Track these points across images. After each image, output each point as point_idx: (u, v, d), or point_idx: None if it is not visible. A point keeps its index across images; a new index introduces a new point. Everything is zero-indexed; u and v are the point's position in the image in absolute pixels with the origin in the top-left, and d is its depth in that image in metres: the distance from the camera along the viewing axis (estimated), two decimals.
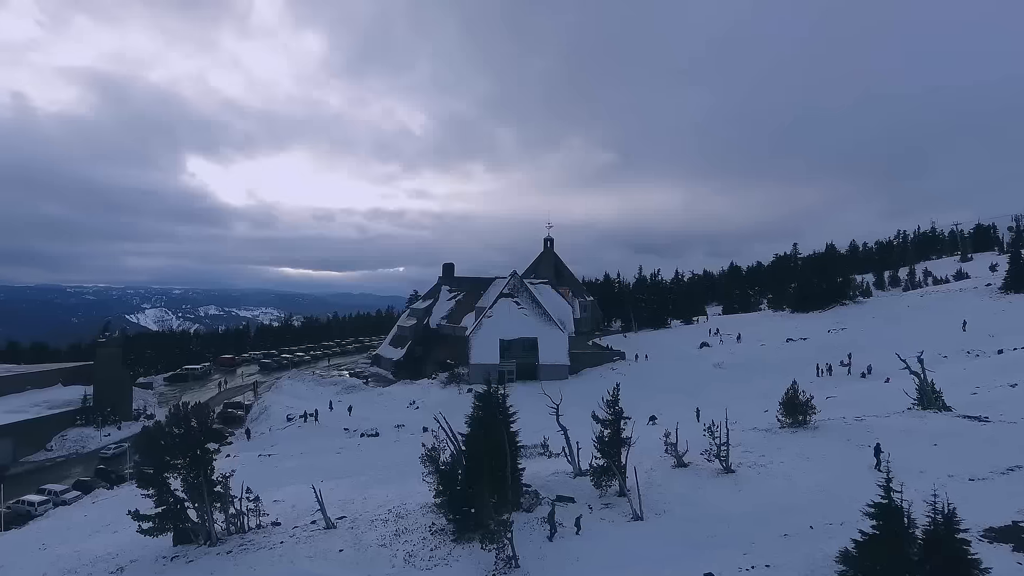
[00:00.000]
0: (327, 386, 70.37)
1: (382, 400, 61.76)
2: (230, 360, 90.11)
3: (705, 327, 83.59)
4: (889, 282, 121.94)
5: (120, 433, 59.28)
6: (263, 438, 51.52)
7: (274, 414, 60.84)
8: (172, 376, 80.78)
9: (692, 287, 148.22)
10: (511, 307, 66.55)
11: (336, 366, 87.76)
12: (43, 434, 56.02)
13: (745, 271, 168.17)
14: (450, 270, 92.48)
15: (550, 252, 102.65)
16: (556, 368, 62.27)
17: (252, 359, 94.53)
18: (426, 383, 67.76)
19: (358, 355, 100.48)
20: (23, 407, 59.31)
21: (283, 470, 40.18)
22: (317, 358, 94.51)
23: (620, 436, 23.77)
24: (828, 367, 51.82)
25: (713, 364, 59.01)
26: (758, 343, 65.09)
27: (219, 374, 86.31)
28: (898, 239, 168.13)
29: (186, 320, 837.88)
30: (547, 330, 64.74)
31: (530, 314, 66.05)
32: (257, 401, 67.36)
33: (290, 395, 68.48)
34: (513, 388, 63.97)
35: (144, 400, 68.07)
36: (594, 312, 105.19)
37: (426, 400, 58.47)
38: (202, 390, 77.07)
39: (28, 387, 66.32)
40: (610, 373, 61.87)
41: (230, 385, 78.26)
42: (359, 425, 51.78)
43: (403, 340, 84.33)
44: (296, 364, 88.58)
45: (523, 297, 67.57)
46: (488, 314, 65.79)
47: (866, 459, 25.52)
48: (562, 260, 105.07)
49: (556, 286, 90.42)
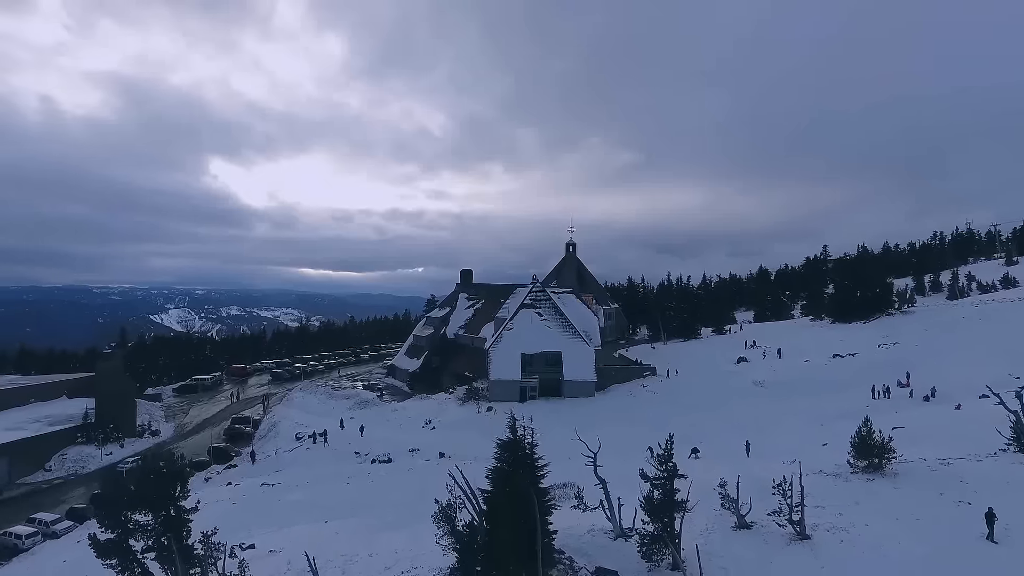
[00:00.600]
0: (339, 400, 67.00)
1: (396, 418, 58.11)
2: (242, 370, 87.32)
3: (739, 338, 78.71)
4: (929, 287, 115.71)
5: (122, 451, 56.37)
6: (269, 461, 48.13)
7: (283, 431, 57.52)
8: (181, 387, 78.08)
9: (719, 292, 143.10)
10: (533, 319, 62.50)
11: (350, 376, 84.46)
12: (41, 453, 53.18)
13: (774, 274, 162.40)
14: (468, 277, 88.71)
15: (572, 257, 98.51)
16: (582, 385, 58.15)
17: (264, 368, 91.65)
18: (443, 398, 64.00)
19: (373, 364, 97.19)
20: (23, 423, 56.71)
21: (287, 504, 36.64)
22: (331, 368, 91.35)
23: (674, 498, 19.56)
24: (885, 389, 46.93)
25: (753, 382, 54.39)
26: (801, 358, 60.23)
27: (230, 384, 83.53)
28: (934, 240, 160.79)
29: (208, 320, 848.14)
30: (572, 344, 60.58)
31: (553, 326, 61.95)
32: (266, 416, 64.20)
33: (301, 409, 65.23)
34: (536, 406, 60.07)
35: (150, 414, 65.27)
36: (619, 320, 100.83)
37: (442, 419, 54.71)
38: (211, 402, 74.22)
39: (32, 400, 63.88)
40: (640, 391, 57.61)
41: (242, 396, 75.32)
42: (371, 448, 48.13)
43: (419, 350, 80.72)
44: (309, 374, 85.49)
45: (546, 308, 63.48)
46: (508, 326, 61.81)
47: (970, 522, 21.13)
48: (585, 265, 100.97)
49: (579, 293, 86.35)
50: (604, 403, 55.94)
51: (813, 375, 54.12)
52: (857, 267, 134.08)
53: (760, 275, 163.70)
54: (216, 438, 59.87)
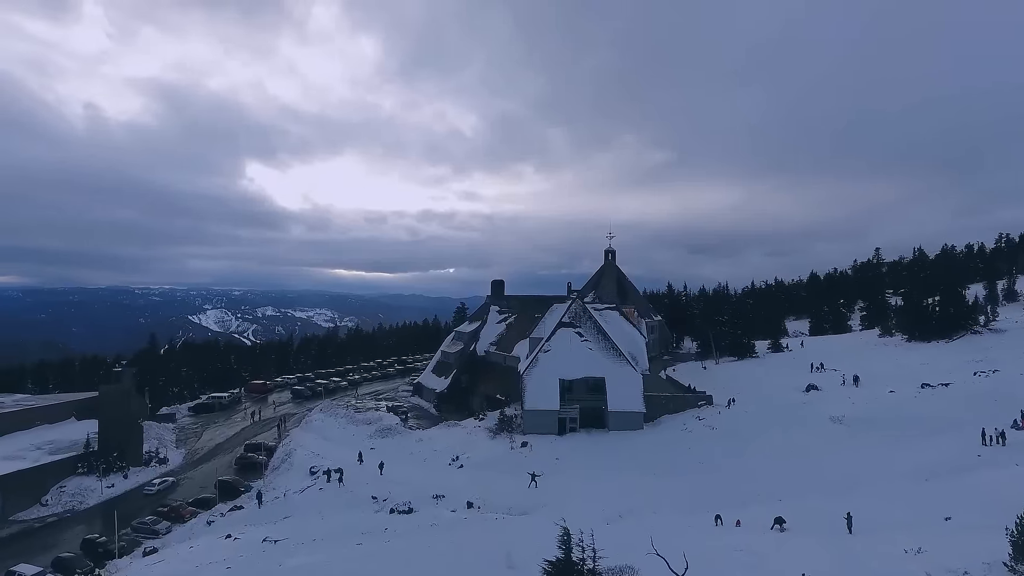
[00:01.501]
0: (360, 425, 61.67)
1: (420, 451, 52.34)
2: (261, 386, 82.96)
3: (800, 357, 70.77)
4: (1003, 296, 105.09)
5: (126, 483, 52.07)
6: (276, 504, 42.84)
7: (297, 462, 52.36)
8: (197, 406, 73.91)
9: (766, 297, 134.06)
10: (572, 339, 56.04)
11: (375, 395, 79.21)
12: (38, 486, 49.07)
13: (824, 279, 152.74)
14: (499, 288, 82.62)
15: (612, 266, 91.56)
16: (628, 416, 51.48)
17: (285, 384, 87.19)
18: (472, 425, 58.10)
19: (400, 379, 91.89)
20: (23, 450, 52.85)
21: (287, 572, 31.09)
22: (355, 384, 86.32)
23: None
24: (999, 434, 39.03)
25: (830, 418, 46.84)
26: (882, 387, 52.35)
27: (249, 402, 79.12)
28: (1000, 243, 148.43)
29: (245, 321, 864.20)
30: (617, 368, 53.94)
31: (595, 348, 55.38)
32: (282, 442, 59.24)
33: (319, 435, 60.14)
34: (576, 440, 53.72)
35: (160, 438, 60.96)
36: (662, 333, 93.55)
37: (471, 455, 48.69)
38: (227, 423, 69.78)
39: (38, 423, 60.31)
40: (695, 424, 50.62)
41: (262, 415, 70.70)
42: (390, 492, 42.40)
43: (447, 368, 75.00)
44: (331, 392, 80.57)
45: (587, 327, 56.93)
46: (545, 347, 55.46)
47: None
48: (625, 274, 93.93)
49: (620, 305, 79.59)
50: (655, 438, 49.18)
51: (901, 410, 46.33)
52: (920, 271, 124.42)
53: (811, 281, 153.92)
54: (226, 468, 55.15)
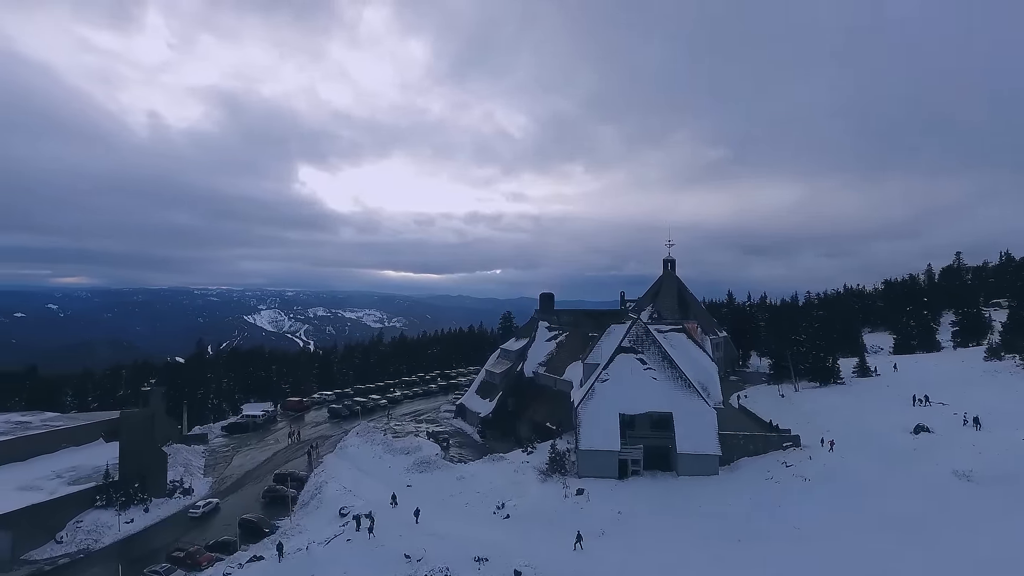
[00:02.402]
0: (398, 455, 56.41)
1: (461, 491, 46.48)
2: (298, 403, 79.06)
3: (895, 385, 61.71)
4: None
5: (146, 517, 48.14)
6: (299, 559, 37.64)
7: (327, 500, 47.46)
8: (231, 425, 70.26)
9: (837, 306, 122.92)
10: (634, 366, 49.16)
11: (415, 415, 74.12)
12: (54, 521, 45.48)
13: (899, 285, 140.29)
14: (548, 302, 76.30)
15: (672, 276, 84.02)
16: (701, 460, 44.27)
17: (323, 401, 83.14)
18: (520, 460, 51.97)
19: (443, 397, 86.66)
20: (41, 479, 49.63)
21: None
22: (395, 401, 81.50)
23: None
24: None
25: (953, 472, 38.52)
26: (1012, 431, 43.39)
27: (284, 420, 75.33)
28: None
29: (297, 321, 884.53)
30: (686, 401, 46.79)
31: (661, 377, 48.34)
32: (314, 472, 54.60)
33: (353, 464, 55.29)
34: (640, 487, 46.79)
35: (187, 464, 57.18)
36: (727, 351, 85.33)
37: (520, 503, 42.45)
38: (260, 445, 65.83)
39: (63, 445, 57.43)
40: (782, 472, 42.97)
41: (299, 435, 66.63)
42: (425, 549, 36.63)
43: (492, 390, 69.16)
44: (370, 411, 75.90)
45: (650, 352, 49.93)
46: (602, 376, 48.77)
47: None
48: (686, 285, 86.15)
49: (682, 320, 72.26)
50: (734, 488, 41.83)
51: None
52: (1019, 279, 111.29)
53: (887, 289, 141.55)
54: (253, 501, 50.72)
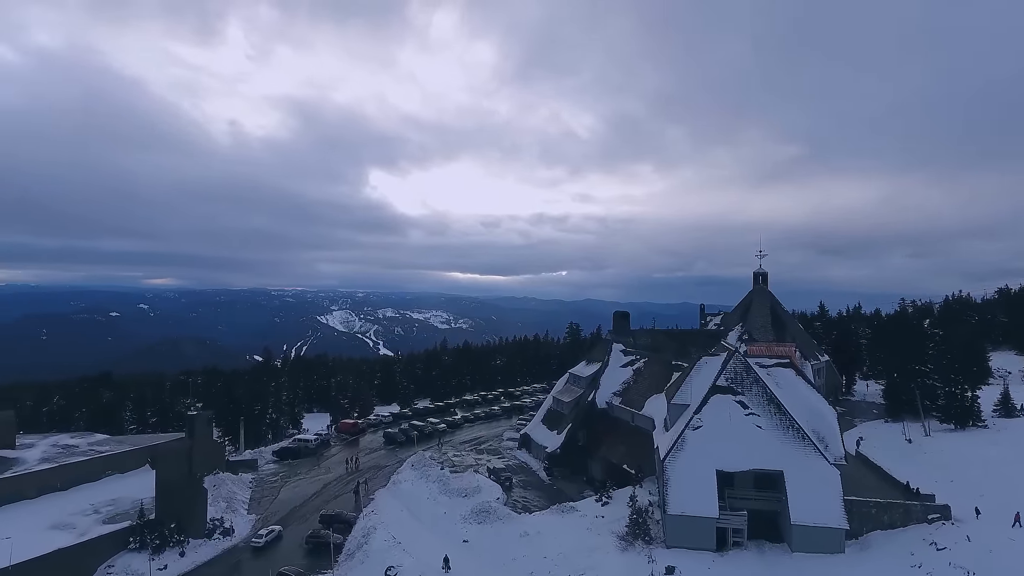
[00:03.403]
0: (455, 498, 50.20)
1: (525, 555, 39.61)
2: (352, 426, 74.54)
3: None
4: None
5: (181, 563, 43.86)
6: None
7: (373, 553, 41.82)
8: (282, 451, 66.19)
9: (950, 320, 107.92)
10: (732, 411, 40.84)
11: (476, 443, 67.95)
12: (83, 566, 41.78)
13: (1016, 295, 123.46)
14: (623, 322, 68.33)
15: (764, 292, 74.10)
16: (821, 534, 35.50)
17: (379, 423, 78.42)
18: (594, 514, 44.61)
19: (506, 421, 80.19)
20: (76, 514, 46.40)
21: None
22: (455, 425, 75.68)
23: None
24: None
25: None
26: None
27: (339, 445, 70.88)
28: None
29: (367, 322, 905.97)
30: (800, 456, 38.11)
31: (767, 425, 39.82)
32: (363, 514, 49.22)
33: (405, 506, 49.60)
34: (743, 563, 38.63)
35: (230, 497, 53.04)
36: (830, 377, 74.53)
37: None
38: (312, 474, 61.32)
39: (108, 472, 54.61)
40: (931, 557, 33.59)
41: (356, 462, 62.08)
42: None
43: (560, 420, 62.00)
44: (428, 436, 70.36)
45: (752, 392, 41.45)
46: (694, 422, 40.72)
47: None
48: (779, 301, 76.02)
49: (777, 341, 62.90)
50: (868, 574, 32.91)
51: None
52: None
53: (1006, 299, 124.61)
54: (295, 548, 45.73)
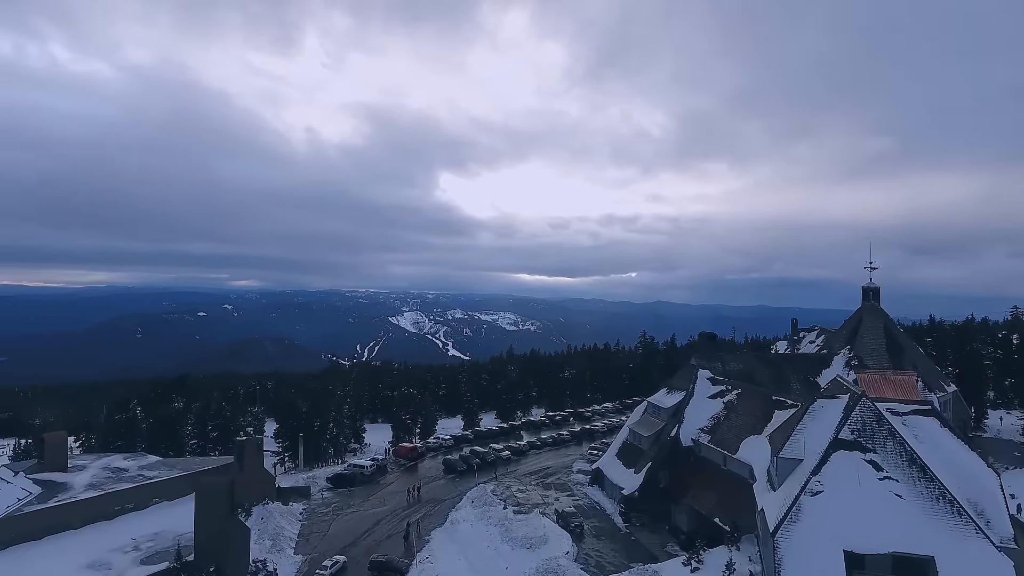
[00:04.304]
0: (517, 548, 44.29)
1: None
2: (411, 450, 69.99)
3: None
4: None
5: None
6: None
7: None
8: (336, 477, 62.27)
9: None
10: (862, 473, 32.80)
11: (542, 475, 61.79)
12: None
13: None
14: (709, 344, 60.53)
15: (876, 310, 64.03)
16: None
17: (439, 446, 73.61)
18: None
19: (575, 447, 73.55)
20: (116, 550, 43.55)
21: None
22: (520, 452, 69.78)
23: None
24: None
25: None
26: None
27: (396, 470, 66.47)
28: None
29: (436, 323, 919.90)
30: (955, 538, 29.78)
31: (908, 493, 31.60)
32: (416, 560, 44.22)
33: (463, 555, 44.37)
34: None
35: (277, 533, 49.23)
36: (957, 409, 63.64)
37: None
38: (367, 504, 57.01)
39: (155, 500, 52.01)
40: None
41: (420, 494, 57.54)
42: None
43: (638, 456, 54.93)
44: (491, 464, 64.84)
45: (886, 450, 33.23)
46: (812, 485, 32.97)
47: None
48: (893, 320, 65.74)
49: (894, 369, 53.70)
50: None
51: None
52: None
53: None
54: None
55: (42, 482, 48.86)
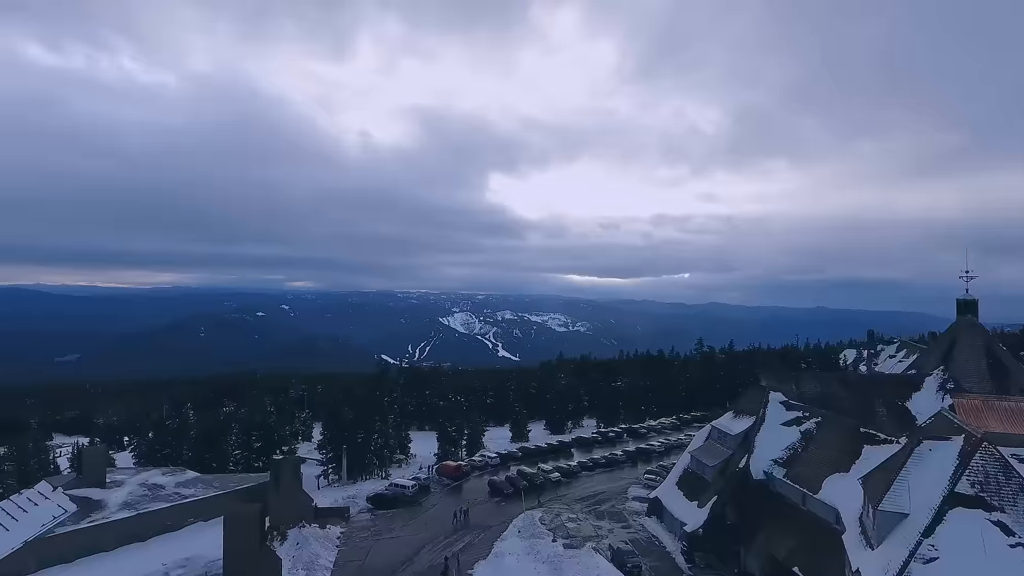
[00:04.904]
0: None
1: None
2: (455, 469, 66.52)
3: None
4: None
5: None
6: None
7: None
8: (376, 498, 59.41)
9: None
10: (987, 535, 27.08)
11: (595, 501, 57.26)
12: None
13: None
14: (779, 365, 54.46)
15: (975, 327, 56.47)
16: None
17: (484, 464, 69.96)
18: None
19: (631, 468, 68.54)
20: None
21: None
22: (571, 474, 65.37)
23: None
24: None
25: None
26: None
27: (439, 491, 63.17)
28: None
29: (486, 324, 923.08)
30: None
31: None
32: None
33: None
34: None
35: (311, 561, 46.48)
36: None
37: None
38: (408, 528, 53.86)
39: (190, 520, 50.29)
40: None
41: (468, 517, 53.99)
42: None
43: (701, 487, 49.75)
44: (539, 487, 60.74)
45: (1018, 508, 27.41)
46: (924, 550, 27.31)
47: None
48: (994, 339, 58.08)
49: (996, 391, 46.92)
50: None
51: None
52: None
53: None
54: None
55: (79, 499, 47.73)
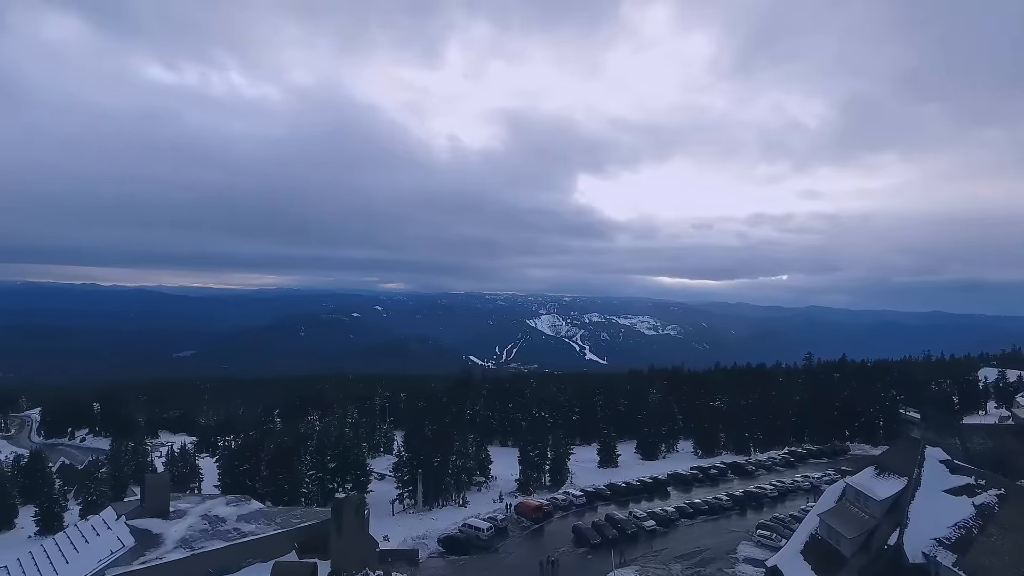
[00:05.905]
0: None
1: None
2: (535, 510, 59.75)
3: None
4: None
5: None
6: None
7: None
8: (447, 540, 53.80)
9: None
10: None
11: (696, 562, 48.70)
12: None
13: None
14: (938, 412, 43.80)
15: None
16: None
17: (569, 504, 62.83)
18: None
19: (738, 516, 58.94)
20: None
21: None
22: (667, 522, 56.83)
23: None
24: None
25: None
26: None
27: (517, 533, 56.75)
28: None
29: (573, 326, 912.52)
30: None
31: None
32: None
33: None
34: None
35: None
36: None
37: None
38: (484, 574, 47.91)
39: (249, 560, 46.72)
40: None
41: (557, 568, 47.29)
42: None
43: (834, 561, 40.26)
44: (632, 535, 52.94)
45: None
46: None
47: None
48: None
49: None
50: None
51: None
52: None
53: None
54: None
55: (138, 531, 45.42)
